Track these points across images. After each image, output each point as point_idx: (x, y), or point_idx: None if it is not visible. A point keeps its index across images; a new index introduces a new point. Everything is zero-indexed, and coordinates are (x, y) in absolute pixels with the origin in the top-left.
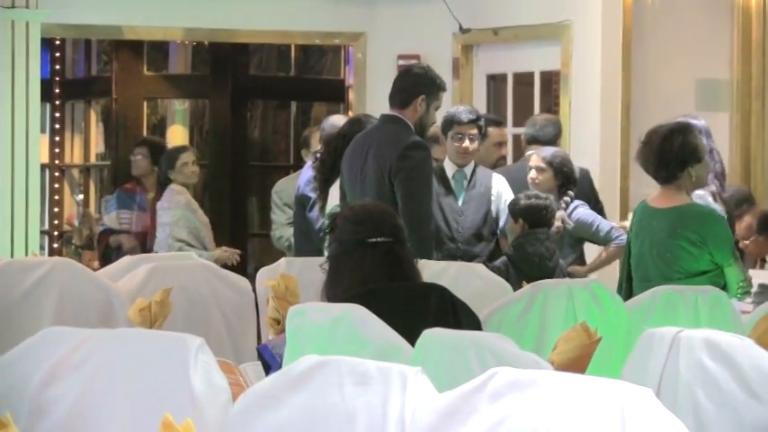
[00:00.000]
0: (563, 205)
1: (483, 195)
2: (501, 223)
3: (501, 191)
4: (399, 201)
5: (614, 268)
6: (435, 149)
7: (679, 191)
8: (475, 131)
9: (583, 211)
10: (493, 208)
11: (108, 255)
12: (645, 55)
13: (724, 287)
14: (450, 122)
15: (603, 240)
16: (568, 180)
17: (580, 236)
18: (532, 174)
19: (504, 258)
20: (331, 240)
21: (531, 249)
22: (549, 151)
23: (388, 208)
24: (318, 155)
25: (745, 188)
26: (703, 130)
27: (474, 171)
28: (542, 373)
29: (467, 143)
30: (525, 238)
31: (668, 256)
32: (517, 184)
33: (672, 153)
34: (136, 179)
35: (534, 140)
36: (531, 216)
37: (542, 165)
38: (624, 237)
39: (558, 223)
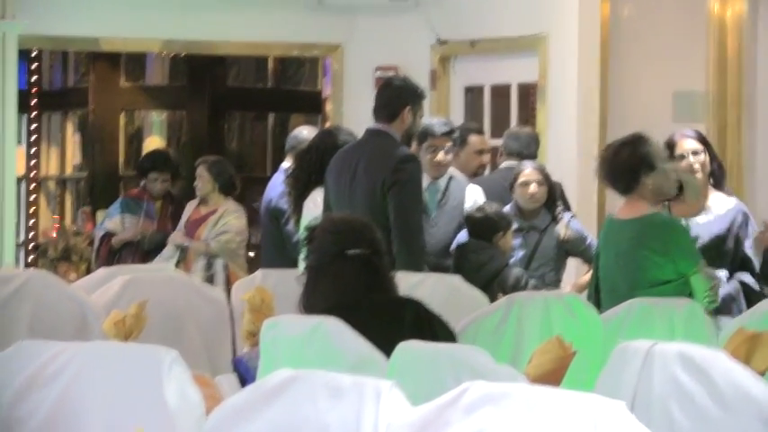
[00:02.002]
0: (560, 215)
1: (455, 209)
2: None
3: (476, 202)
4: (392, 213)
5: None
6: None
7: (641, 201)
8: (449, 144)
9: (577, 223)
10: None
11: (110, 259)
12: (622, 67)
13: (689, 296)
14: (424, 134)
15: (591, 258)
16: (554, 192)
17: (570, 249)
18: (533, 188)
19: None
20: (309, 251)
21: (456, 263)
22: (540, 164)
23: (367, 220)
24: (290, 170)
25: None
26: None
27: (448, 184)
28: (516, 386)
29: (440, 155)
30: (456, 251)
31: (633, 266)
32: (493, 195)
33: (622, 164)
34: (143, 186)
35: (518, 155)
36: (469, 226)
37: (541, 177)
38: None
39: (565, 231)
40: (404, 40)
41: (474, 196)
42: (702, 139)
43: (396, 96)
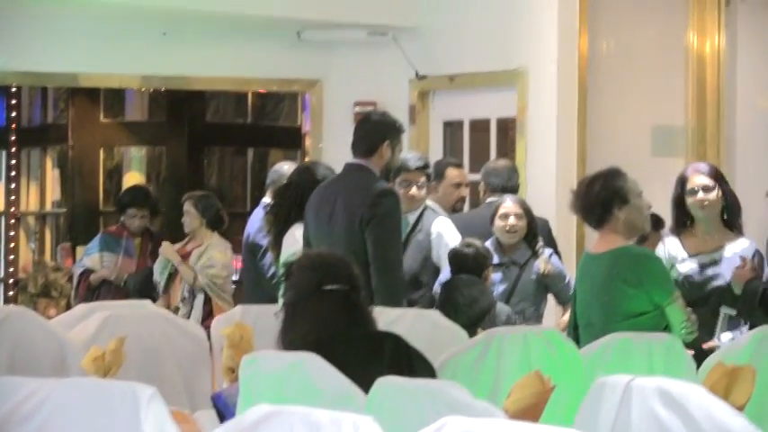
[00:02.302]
0: (540, 250)
1: (422, 242)
2: (443, 268)
3: (441, 232)
4: (370, 247)
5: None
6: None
7: (615, 235)
8: (423, 179)
9: (556, 260)
10: (434, 252)
11: (89, 296)
12: (600, 102)
13: (666, 328)
14: (398, 169)
15: (566, 299)
16: (535, 227)
17: (549, 285)
18: (512, 220)
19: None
20: (287, 288)
21: (447, 296)
22: (520, 198)
23: (344, 256)
24: (269, 207)
25: None
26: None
27: (421, 216)
28: (494, 421)
29: (414, 190)
30: (445, 286)
31: (606, 298)
32: (478, 231)
33: (594, 198)
34: (122, 223)
35: (502, 190)
36: (450, 261)
37: (521, 211)
38: None
39: (546, 266)
40: (383, 75)
41: (438, 228)
42: (716, 175)
43: (374, 131)
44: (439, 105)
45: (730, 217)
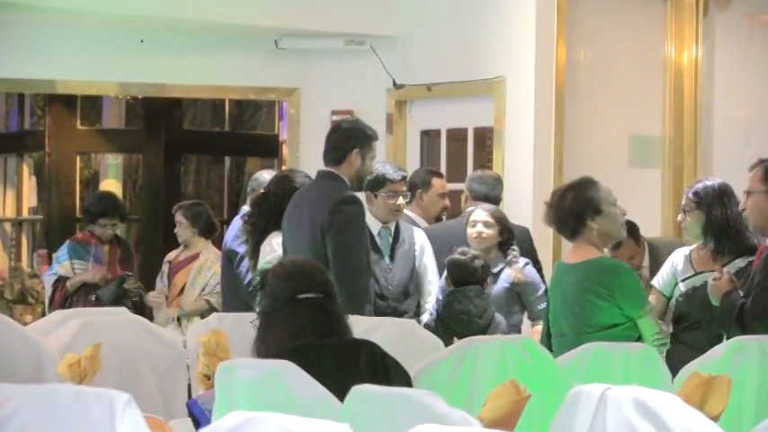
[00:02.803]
0: (514, 259)
1: (408, 252)
2: (430, 278)
3: (423, 245)
4: (330, 255)
5: None
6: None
7: (589, 246)
8: (405, 189)
9: (531, 270)
10: (417, 263)
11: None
12: (577, 111)
13: (638, 340)
14: (381, 181)
15: (536, 313)
16: (510, 236)
17: (521, 294)
18: (479, 227)
19: (433, 315)
20: (262, 297)
21: (459, 306)
22: (492, 207)
23: (318, 264)
24: (247, 216)
25: (681, 242)
26: (722, 189)
27: (397, 227)
28: (469, 430)
29: (400, 200)
30: (453, 296)
31: (578, 310)
32: (458, 240)
33: (567, 209)
34: (89, 230)
35: (485, 199)
36: (454, 272)
37: (490, 220)
38: None
39: (517, 274)
40: (360, 84)
41: (421, 240)
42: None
43: (343, 139)
44: (416, 114)
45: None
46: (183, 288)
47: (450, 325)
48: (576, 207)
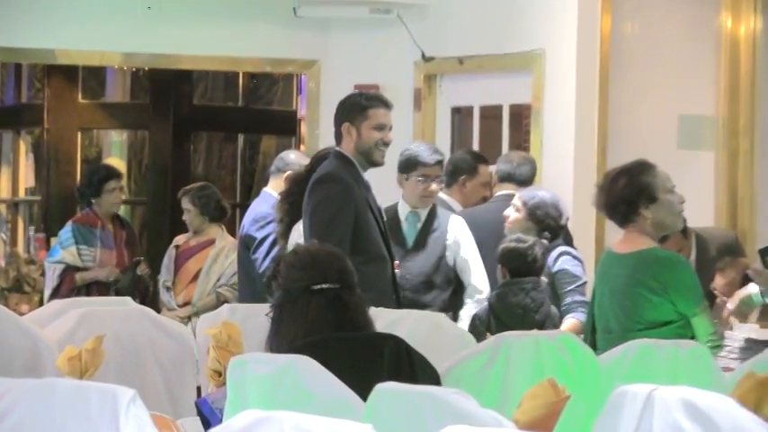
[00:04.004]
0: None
1: (437, 240)
2: (472, 274)
3: (458, 237)
4: (308, 238)
5: None
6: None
7: (642, 235)
8: (440, 173)
9: (569, 261)
10: (449, 254)
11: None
12: (623, 88)
13: (692, 339)
14: (414, 163)
15: (567, 305)
16: (541, 225)
17: (555, 286)
18: (507, 211)
19: (486, 307)
20: (275, 288)
21: (514, 300)
22: (529, 191)
23: (335, 251)
24: (284, 195)
25: (733, 234)
26: None
27: (431, 213)
28: (502, 431)
29: (434, 186)
30: (509, 287)
31: (627, 304)
32: (487, 227)
33: (619, 195)
34: (91, 209)
35: (509, 179)
36: (510, 261)
37: (518, 202)
38: (582, 315)
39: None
40: (386, 56)
41: (456, 231)
42: None
43: (336, 117)
44: (447, 90)
45: None
46: (196, 276)
47: (504, 319)
48: (628, 193)
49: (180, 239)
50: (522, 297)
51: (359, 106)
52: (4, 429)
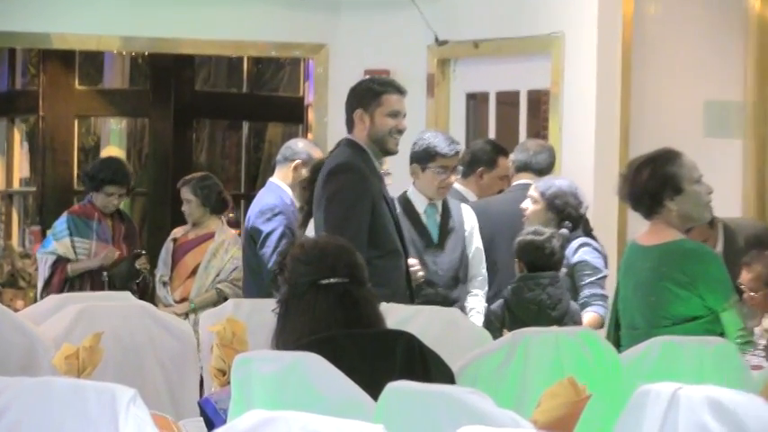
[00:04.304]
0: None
1: (457, 231)
2: (481, 268)
3: (472, 227)
4: (323, 231)
5: None
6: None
7: (668, 226)
8: (457, 164)
9: (589, 252)
10: (467, 245)
11: (70, 288)
12: (646, 72)
13: (721, 335)
14: (431, 154)
15: (582, 302)
16: (560, 215)
17: (574, 278)
18: (524, 203)
19: (501, 302)
20: (281, 283)
21: (530, 295)
22: (545, 181)
23: (344, 244)
24: (306, 182)
25: (763, 225)
26: None
27: (444, 204)
28: None
29: (452, 178)
30: (524, 282)
31: (653, 299)
32: (504, 217)
33: (641, 186)
34: (89, 201)
35: (525, 168)
36: (527, 255)
37: (535, 193)
38: (601, 309)
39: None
40: (397, 40)
41: (471, 222)
42: None
43: (347, 104)
44: (461, 75)
45: None
46: (195, 271)
47: (519, 315)
48: (652, 185)
49: (178, 232)
50: (538, 293)
51: (372, 92)
52: None
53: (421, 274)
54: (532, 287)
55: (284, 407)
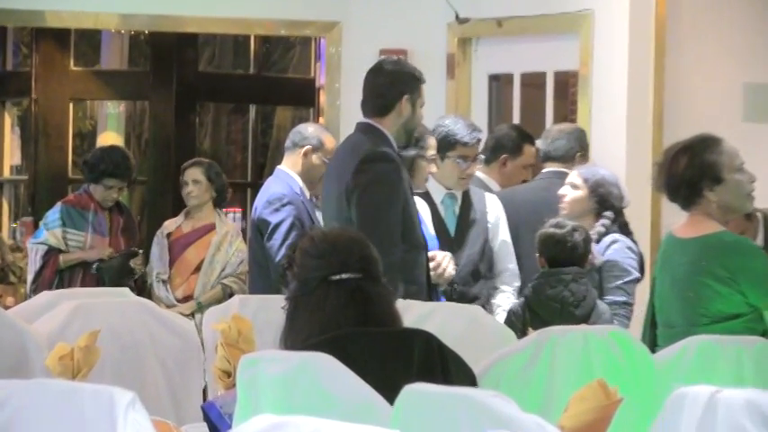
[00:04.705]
0: (594, 236)
1: (479, 223)
2: (511, 258)
3: (498, 219)
4: (355, 223)
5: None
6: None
7: (707, 218)
8: (478, 153)
9: (621, 252)
10: (491, 238)
11: (60, 280)
12: (681, 53)
13: (764, 334)
14: (451, 143)
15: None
16: (603, 205)
17: (602, 278)
18: (562, 190)
19: (521, 301)
20: (289, 279)
21: (552, 292)
22: (588, 167)
23: (357, 236)
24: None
25: None
26: None
27: (465, 193)
28: None
29: (473, 168)
30: (546, 278)
31: (691, 296)
32: (529, 207)
33: (678, 175)
34: (86, 191)
35: (546, 157)
36: (548, 249)
37: (577, 180)
38: (620, 322)
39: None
40: (415, 17)
41: (495, 212)
42: None
43: (388, 84)
44: (484, 55)
45: None
46: (198, 268)
47: (540, 314)
48: (690, 174)
49: (170, 226)
50: (560, 289)
51: (416, 80)
52: None
53: (451, 271)
54: (554, 284)
55: (293, 411)
